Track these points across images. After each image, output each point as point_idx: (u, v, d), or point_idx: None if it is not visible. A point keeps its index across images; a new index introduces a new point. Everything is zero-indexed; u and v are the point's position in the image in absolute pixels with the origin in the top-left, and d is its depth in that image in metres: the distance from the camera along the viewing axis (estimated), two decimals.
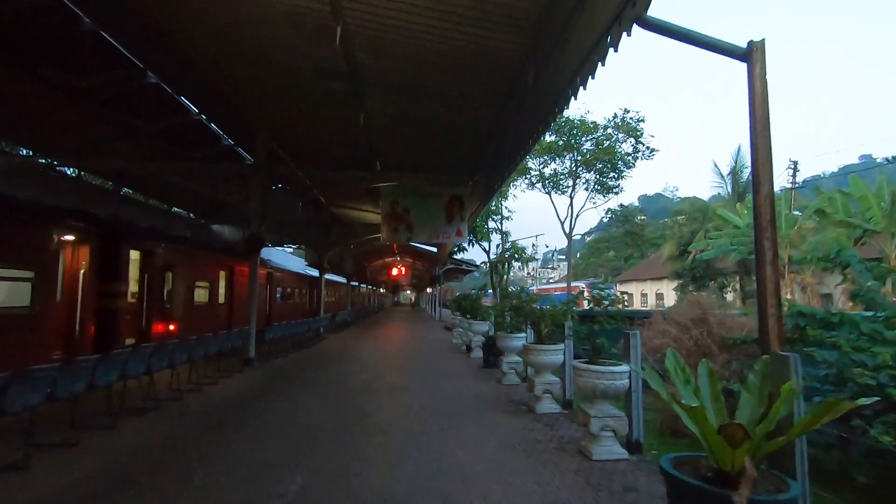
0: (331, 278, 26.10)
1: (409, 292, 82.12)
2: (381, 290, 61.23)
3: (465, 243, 22.66)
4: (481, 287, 24.46)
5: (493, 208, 24.81)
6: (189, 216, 19.12)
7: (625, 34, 3.74)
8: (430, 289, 44.64)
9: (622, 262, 68.22)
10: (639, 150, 25.21)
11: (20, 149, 12.81)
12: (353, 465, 4.56)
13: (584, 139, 24.93)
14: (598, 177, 26.08)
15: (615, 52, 3.92)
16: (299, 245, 26.19)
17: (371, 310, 44.64)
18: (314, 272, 22.74)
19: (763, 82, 3.65)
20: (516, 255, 27.27)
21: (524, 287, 18.75)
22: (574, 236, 29.40)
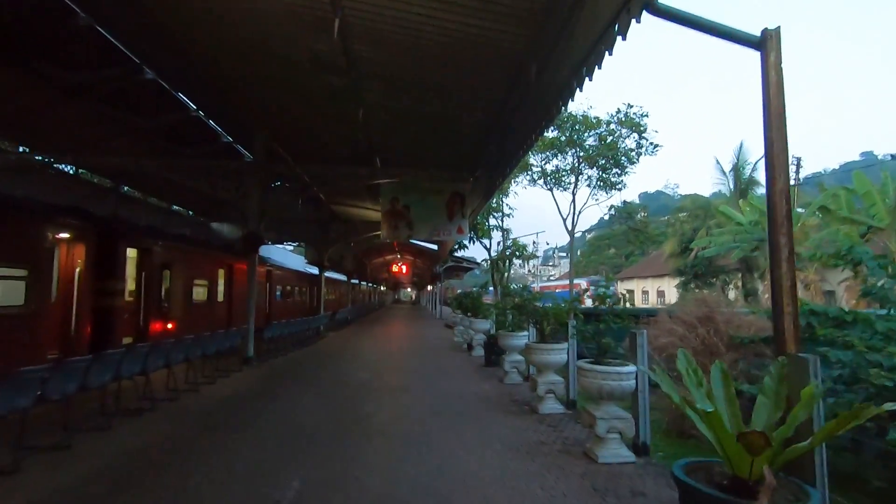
0: (331, 276, 25.99)
1: (409, 290, 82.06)
2: (381, 288, 61.14)
3: (465, 241, 22.47)
4: (482, 285, 24.32)
5: (495, 205, 24.60)
6: (188, 214, 19.00)
7: (634, 21, 3.59)
8: (430, 286, 44.55)
9: (623, 259, 68.03)
10: (642, 145, 24.89)
11: (21, 147, 12.65)
12: (351, 469, 4.43)
13: (586, 135, 24.67)
14: (600, 173, 25.81)
15: (623, 39, 3.77)
16: (299, 243, 26.07)
17: (371, 307, 44.54)
18: (314, 270, 22.64)
19: (778, 72, 3.51)
20: (517, 253, 27.08)
21: (526, 285, 18.60)
22: (576, 233, 29.24)
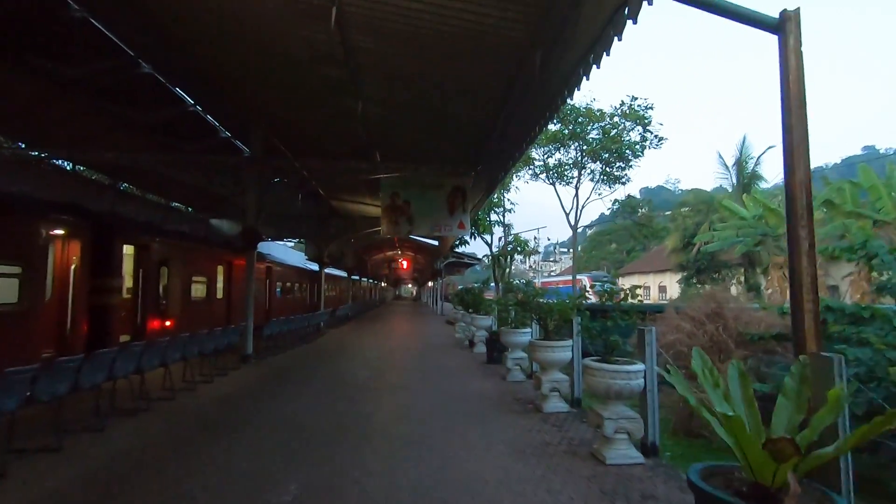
0: (331, 272, 25.84)
1: (410, 286, 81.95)
2: (382, 284, 61.04)
3: (467, 236, 22.24)
4: (484, 280, 24.15)
5: (496, 200, 24.36)
6: (187, 211, 18.83)
7: (645, 2, 3.40)
8: (431, 283, 44.44)
9: (624, 254, 67.81)
10: (647, 138, 24.51)
11: (18, 143, 12.48)
12: (350, 472, 4.29)
13: (590, 128, 24.34)
14: (603, 167, 25.46)
15: (634, 23, 3.58)
16: (299, 239, 25.91)
17: (372, 304, 44.46)
18: (314, 266, 22.50)
19: (798, 56, 3.32)
20: (519, 248, 26.88)
21: (530, 280, 18.41)
22: (578, 228, 29.00)
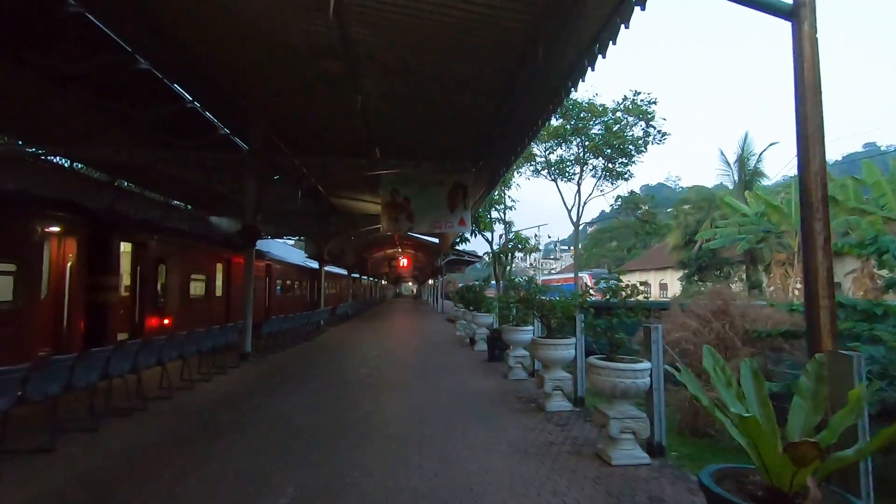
0: (331, 270, 25.75)
1: (410, 284, 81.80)
2: (382, 282, 60.95)
3: (467, 234, 22.09)
4: (485, 278, 24.02)
5: (497, 197, 24.19)
6: (187, 208, 18.70)
7: None
8: (431, 281, 44.32)
9: (625, 252, 67.69)
10: (650, 133, 24.29)
11: (15, 140, 12.35)
12: (349, 473, 4.18)
13: (592, 123, 24.12)
14: (605, 163, 25.21)
15: (642, 9, 3.46)
16: (299, 237, 25.81)
17: (372, 302, 44.37)
18: (314, 264, 22.40)
19: (813, 43, 3.20)
20: (520, 246, 26.72)
21: (532, 277, 18.29)
22: (580, 225, 28.85)
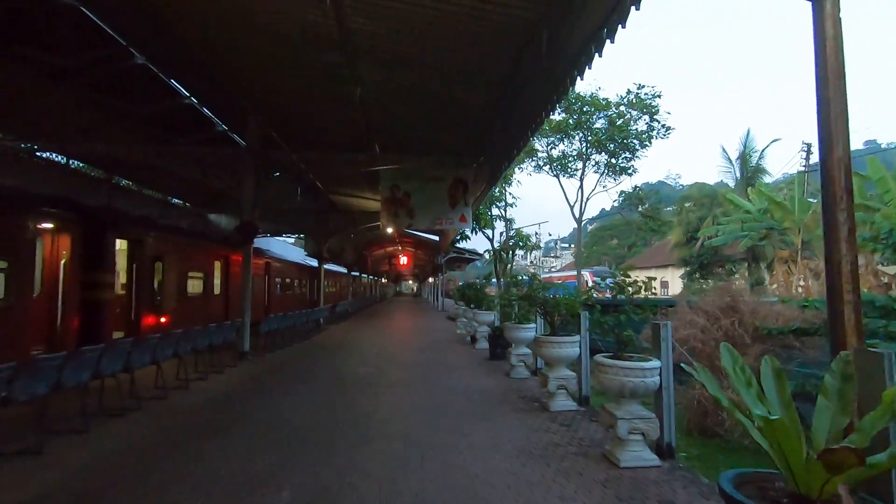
0: (331, 268, 25.60)
1: (410, 282, 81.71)
2: (382, 280, 60.81)
3: (467, 231, 21.93)
4: (486, 276, 23.86)
5: (497, 194, 23.99)
6: (185, 205, 18.54)
7: None
8: (432, 279, 44.18)
9: (626, 249, 67.58)
10: (654, 128, 23.94)
11: (10, 137, 12.16)
12: (348, 476, 4.02)
13: (595, 117, 23.84)
14: (608, 158, 24.91)
15: None
16: (299, 235, 25.65)
17: (372, 300, 44.26)
18: (314, 262, 22.25)
19: (836, 23, 3.03)
20: (521, 243, 26.55)
21: (535, 273, 18.10)
22: (582, 221, 28.63)
